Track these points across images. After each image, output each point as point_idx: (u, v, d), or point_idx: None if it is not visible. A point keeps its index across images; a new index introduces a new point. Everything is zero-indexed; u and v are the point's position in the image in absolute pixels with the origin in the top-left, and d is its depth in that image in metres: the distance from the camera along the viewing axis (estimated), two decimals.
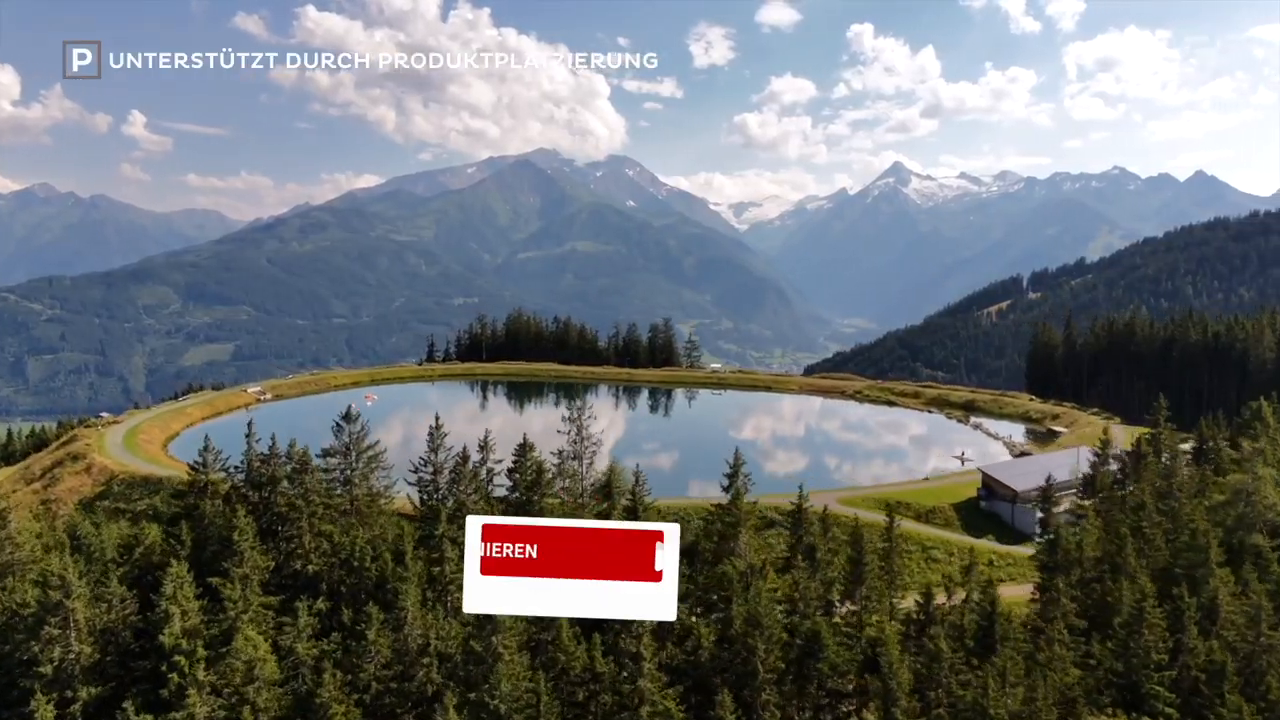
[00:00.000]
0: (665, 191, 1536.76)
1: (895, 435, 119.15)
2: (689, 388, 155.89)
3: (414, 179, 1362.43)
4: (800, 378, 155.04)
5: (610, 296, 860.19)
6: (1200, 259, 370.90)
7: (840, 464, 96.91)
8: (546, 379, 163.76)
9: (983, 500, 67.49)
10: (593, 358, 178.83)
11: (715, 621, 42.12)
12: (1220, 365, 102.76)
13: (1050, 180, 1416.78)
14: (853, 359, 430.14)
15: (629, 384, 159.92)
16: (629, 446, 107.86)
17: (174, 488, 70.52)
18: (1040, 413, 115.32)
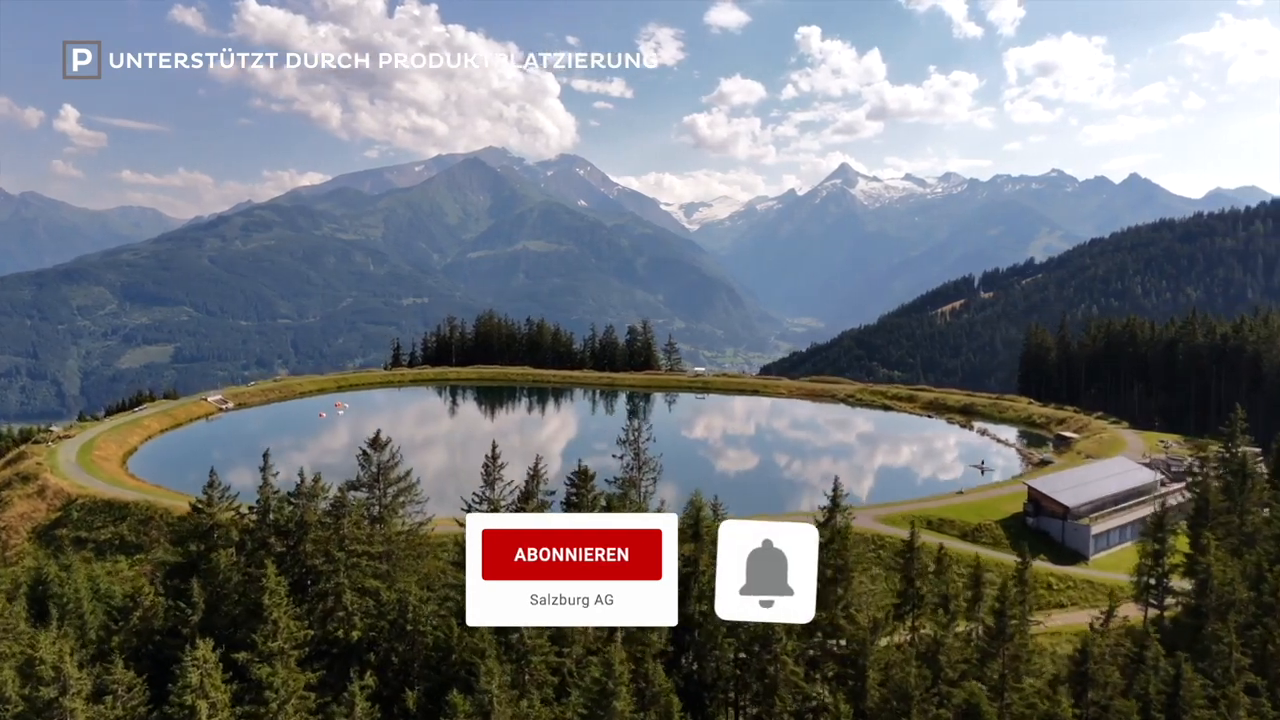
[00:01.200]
0: (616, 191, 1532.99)
1: (904, 443, 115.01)
2: (671, 391, 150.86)
3: (360, 177, 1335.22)
4: (788, 381, 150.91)
5: (563, 296, 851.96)
6: (1148, 259, 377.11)
7: (856, 475, 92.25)
8: (522, 383, 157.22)
9: (1030, 517, 63.58)
10: (567, 361, 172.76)
11: (847, 693, 36.48)
12: (1229, 368, 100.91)
13: (992, 182, 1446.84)
14: (809, 358, 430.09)
15: (609, 388, 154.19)
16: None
17: (168, 524, 63.21)
18: (1044, 417, 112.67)
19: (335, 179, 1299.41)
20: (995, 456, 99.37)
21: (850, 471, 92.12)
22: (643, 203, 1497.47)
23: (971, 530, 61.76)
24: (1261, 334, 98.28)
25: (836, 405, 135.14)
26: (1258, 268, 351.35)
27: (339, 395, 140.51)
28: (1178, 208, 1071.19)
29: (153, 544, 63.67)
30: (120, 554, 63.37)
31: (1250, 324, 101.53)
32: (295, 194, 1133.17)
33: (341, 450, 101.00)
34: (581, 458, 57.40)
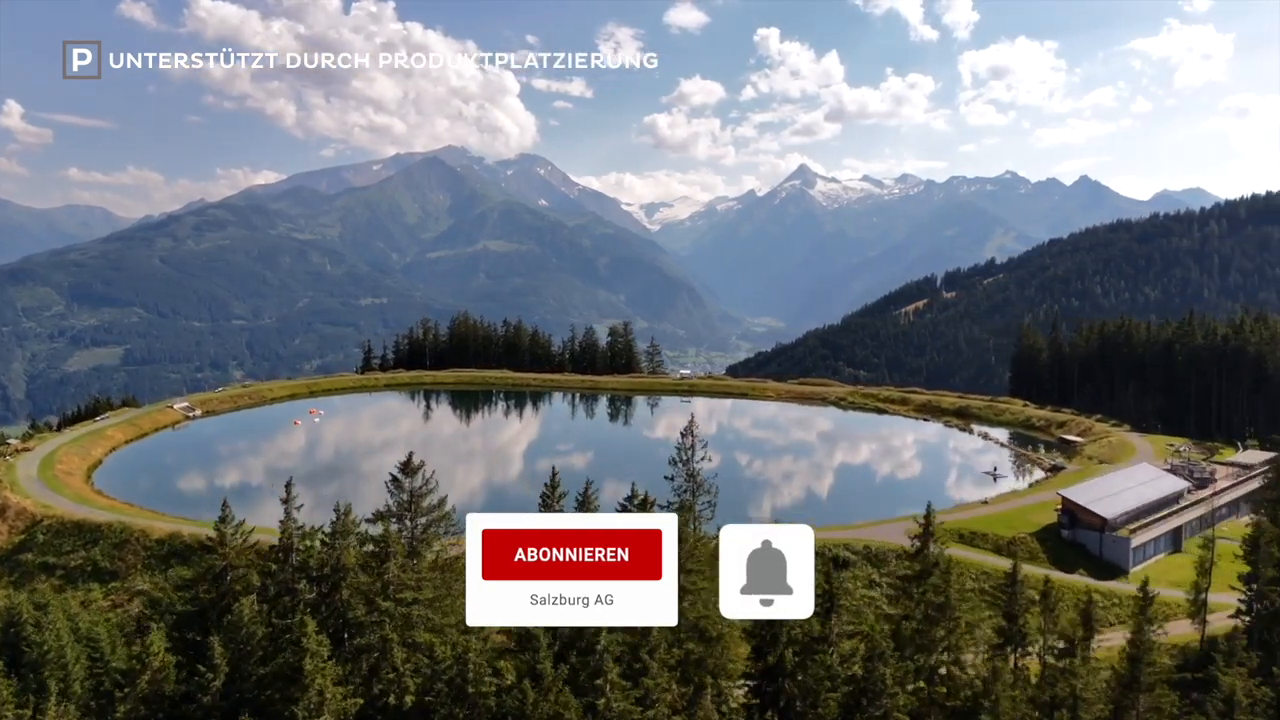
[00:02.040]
0: (577, 191, 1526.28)
1: (909, 449, 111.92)
2: (656, 395, 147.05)
3: (317, 176, 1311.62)
4: (776, 384, 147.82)
5: (524, 296, 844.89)
6: (1106, 260, 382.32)
7: (869, 484, 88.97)
8: (501, 386, 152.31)
9: (1065, 529, 61.07)
10: (546, 363, 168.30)
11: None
12: (1230, 369, 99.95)
13: (948, 184, 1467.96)
14: (775, 358, 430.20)
15: (591, 391, 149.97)
16: (622, 463, 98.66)
17: (145, 548, 58.12)
18: (1042, 420, 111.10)
19: (291, 178, 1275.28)
20: (1003, 462, 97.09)
21: (862, 480, 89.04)
22: (603, 203, 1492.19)
23: (1005, 544, 59.03)
24: (1264, 335, 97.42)
25: (827, 409, 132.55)
26: (1213, 268, 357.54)
27: (312, 401, 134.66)
28: (1127, 209, 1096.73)
29: (129, 570, 58.46)
30: (93, 581, 58.02)
31: (1250, 325, 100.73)
32: (249, 193, 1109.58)
33: (324, 462, 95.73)
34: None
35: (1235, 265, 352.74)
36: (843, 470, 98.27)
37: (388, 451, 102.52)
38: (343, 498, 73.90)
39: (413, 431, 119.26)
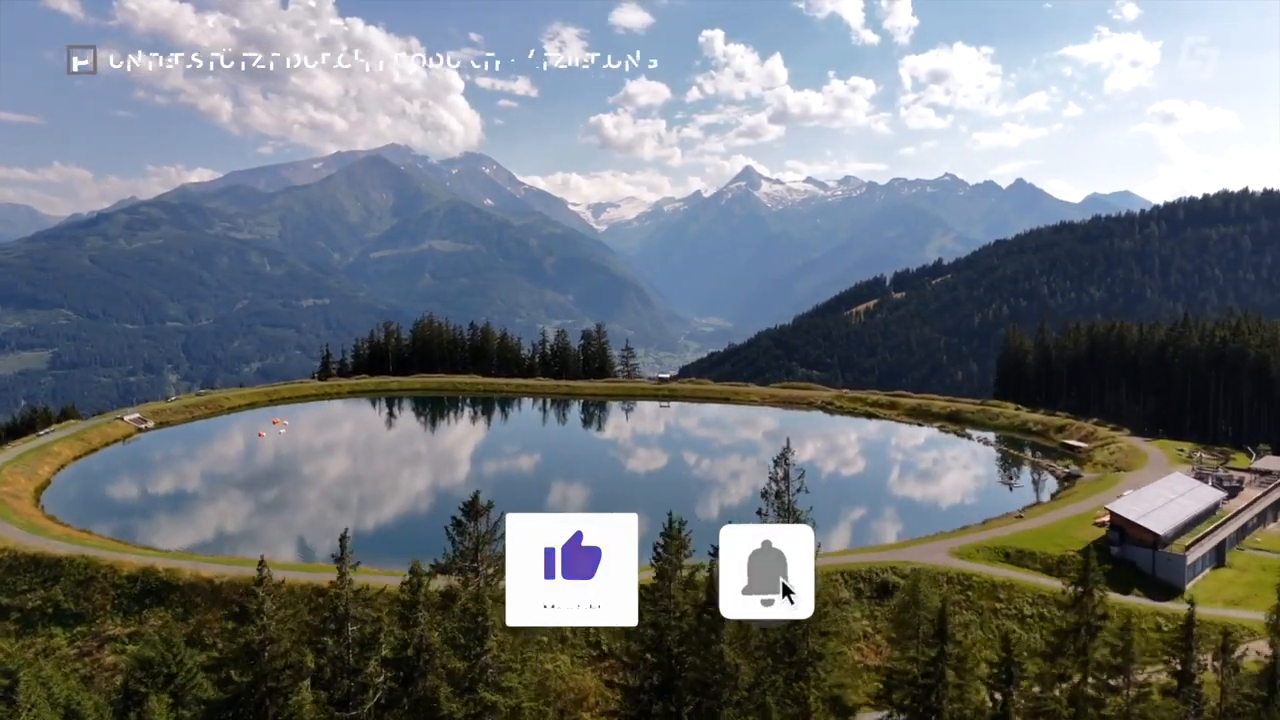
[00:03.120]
0: (523, 191, 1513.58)
1: (916, 456, 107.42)
2: (635, 399, 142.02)
3: (254, 174, 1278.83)
4: (759, 388, 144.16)
5: (471, 297, 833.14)
6: (1052, 260, 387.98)
7: (886, 497, 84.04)
8: (471, 392, 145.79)
9: (1114, 545, 57.91)
10: (515, 368, 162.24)
11: None
12: (1228, 371, 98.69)
13: (889, 186, 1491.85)
14: (728, 358, 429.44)
15: (568, 396, 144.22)
16: (615, 478, 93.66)
17: (114, 586, 51.34)
18: (1039, 424, 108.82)
19: (227, 175, 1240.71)
20: (1011, 468, 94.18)
21: (881, 494, 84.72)
22: (550, 203, 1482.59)
23: (1055, 563, 55.57)
24: (1264, 337, 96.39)
25: (815, 413, 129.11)
26: (1154, 268, 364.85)
27: (273, 410, 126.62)
28: (1060, 212, 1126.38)
29: (97, 612, 51.61)
30: (55, 625, 51.06)
31: (1248, 326, 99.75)
32: (184, 191, 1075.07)
33: (299, 480, 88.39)
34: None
35: (1175, 266, 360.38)
36: (860, 484, 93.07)
37: (369, 466, 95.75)
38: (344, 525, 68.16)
39: (389, 442, 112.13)
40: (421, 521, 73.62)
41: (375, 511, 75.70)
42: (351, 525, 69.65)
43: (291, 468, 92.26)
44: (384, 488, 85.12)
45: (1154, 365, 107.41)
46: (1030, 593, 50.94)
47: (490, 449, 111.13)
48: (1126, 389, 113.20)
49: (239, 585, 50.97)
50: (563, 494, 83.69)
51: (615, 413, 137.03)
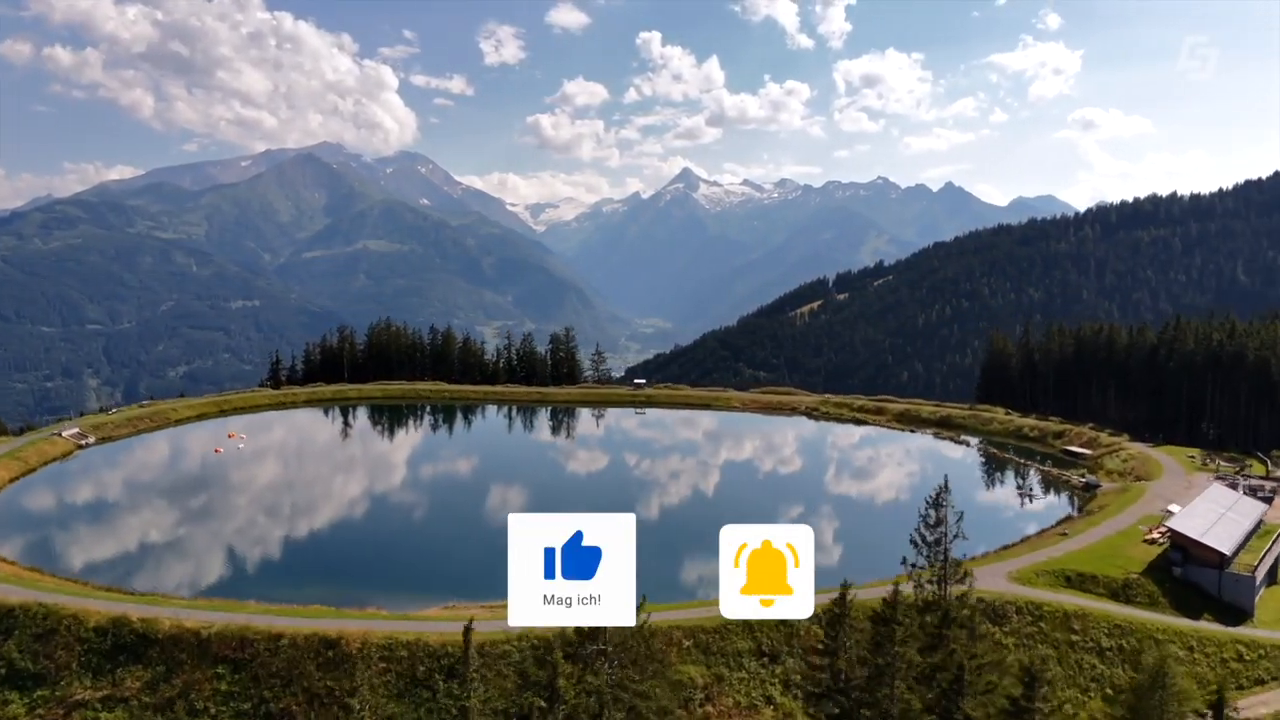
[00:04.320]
0: (460, 190, 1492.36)
1: (926, 467, 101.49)
2: (610, 406, 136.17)
3: (179, 171, 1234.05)
4: (739, 393, 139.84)
5: (407, 298, 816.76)
6: (991, 262, 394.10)
7: (904, 511, 78.63)
8: (436, 399, 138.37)
9: (1176, 566, 54.67)
10: (478, 373, 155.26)
11: None
12: (1225, 375, 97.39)
13: (824, 188, 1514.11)
14: (674, 360, 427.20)
15: (540, 403, 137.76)
16: (611, 486, 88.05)
17: (80, 640, 44.07)
18: (1035, 430, 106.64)
19: (150, 173, 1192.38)
20: (1023, 478, 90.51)
21: (900, 507, 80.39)
22: (488, 202, 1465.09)
23: (1120, 587, 52.09)
24: (1265, 338, 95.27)
25: (799, 419, 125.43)
26: (1090, 270, 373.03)
27: (225, 421, 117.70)
28: (988, 215, 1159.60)
29: (61, 672, 44.18)
30: (10, 689, 43.42)
31: (1243, 328, 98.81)
32: (103, 188, 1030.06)
33: (271, 503, 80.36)
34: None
35: (1110, 267, 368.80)
36: (876, 498, 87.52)
37: (348, 485, 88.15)
38: (337, 556, 61.56)
39: (362, 456, 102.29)
40: (430, 546, 67.39)
41: (369, 539, 68.19)
42: (348, 557, 63.27)
43: (259, 489, 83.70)
44: (371, 511, 77.30)
45: (1145, 368, 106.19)
46: (1104, 622, 47.34)
47: (475, 460, 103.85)
48: (1115, 393, 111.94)
49: (229, 637, 44.32)
50: (568, 502, 78.52)
51: (591, 420, 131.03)
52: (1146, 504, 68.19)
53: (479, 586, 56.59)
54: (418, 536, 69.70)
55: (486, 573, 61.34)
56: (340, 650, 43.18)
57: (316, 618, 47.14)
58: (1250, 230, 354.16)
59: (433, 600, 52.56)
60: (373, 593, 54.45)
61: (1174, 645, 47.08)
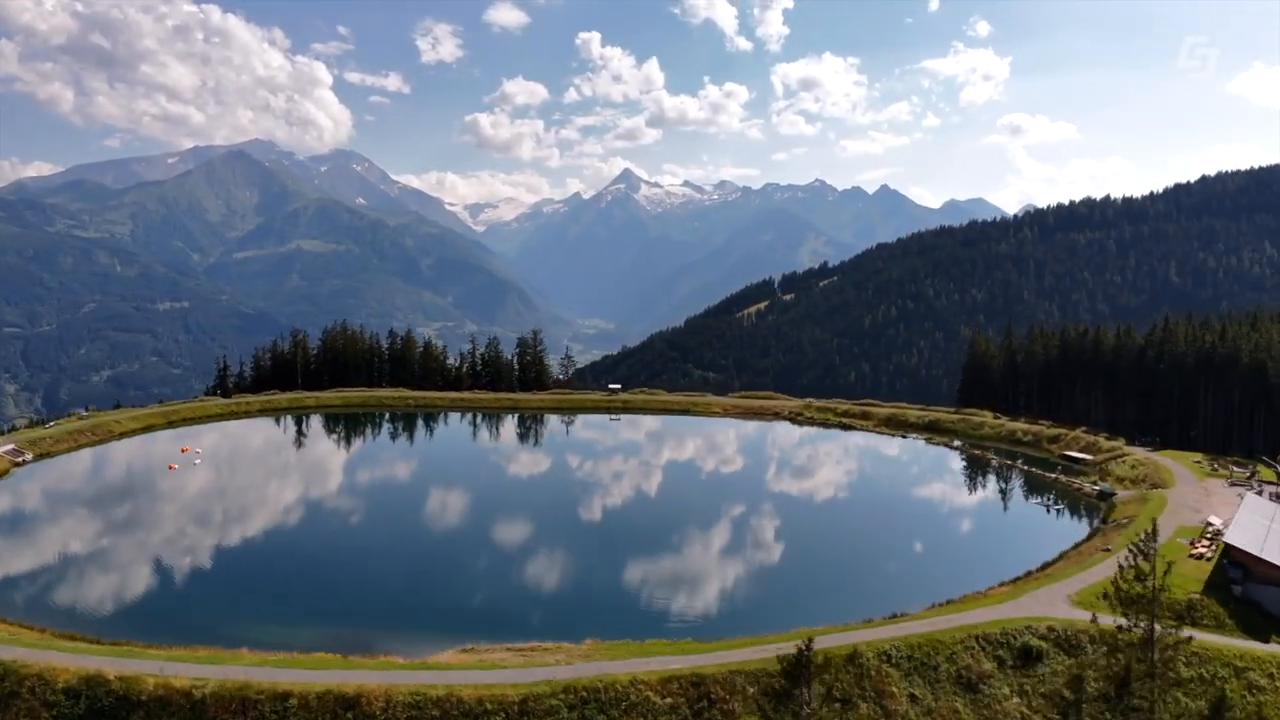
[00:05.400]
0: (397, 190, 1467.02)
1: (931, 474, 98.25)
2: (583, 412, 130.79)
3: (101, 168, 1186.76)
4: (718, 398, 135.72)
5: (343, 299, 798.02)
6: (935, 263, 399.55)
7: (929, 526, 75.53)
8: (400, 407, 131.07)
9: (1235, 585, 52.10)
10: (440, 379, 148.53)
11: None
12: (1218, 377, 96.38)
13: (763, 190, 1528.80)
14: (623, 361, 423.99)
15: (511, 410, 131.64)
16: (617, 502, 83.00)
17: (48, 703, 37.58)
18: (1029, 434, 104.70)
19: (70, 170, 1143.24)
20: (1034, 487, 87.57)
21: (924, 522, 76.59)
22: (426, 202, 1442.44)
23: (1184, 609, 49.44)
24: (1260, 340, 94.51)
25: (782, 424, 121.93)
26: (1030, 271, 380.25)
27: (173, 434, 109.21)
28: (922, 217, 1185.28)
29: None
30: None
31: (1235, 330, 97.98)
32: (19, 185, 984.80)
33: (243, 526, 72.97)
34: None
35: (1049, 269, 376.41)
36: (900, 513, 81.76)
37: (331, 505, 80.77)
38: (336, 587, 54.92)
39: (336, 471, 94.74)
40: (429, 574, 60.75)
41: (360, 568, 61.15)
42: (339, 591, 56.80)
43: (226, 512, 75.75)
44: (356, 536, 70.17)
45: (1134, 370, 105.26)
46: (1183, 650, 44.33)
47: (458, 475, 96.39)
48: (1103, 395, 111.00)
49: (227, 698, 38.13)
50: (571, 525, 73.12)
51: (568, 427, 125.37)
52: (1175, 514, 66.16)
53: (494, 622, 51.46)
54: (414, 564, 63.01)
55: (497, 605, 55.97)
56: (361, 711, 37.49)
57: (324, 669, 41.33)
58: (1181, 232, 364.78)
59: (446, 640, 47.06)
60: (376, 633, 48.62)
61: (1254, 673, 44.53)
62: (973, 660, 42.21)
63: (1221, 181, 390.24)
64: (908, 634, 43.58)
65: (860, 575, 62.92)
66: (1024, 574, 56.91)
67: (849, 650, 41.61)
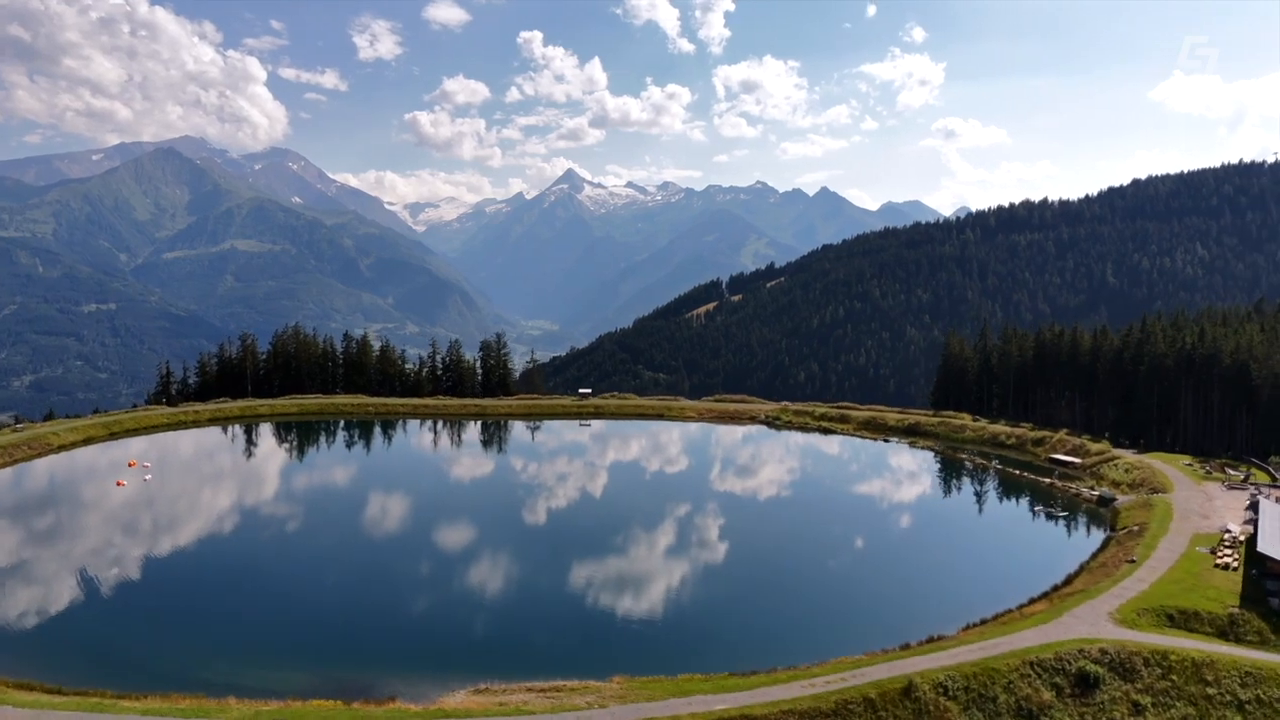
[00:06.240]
0: (335, 189, 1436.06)
1: (928, 482, 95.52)
2: (553, 418, 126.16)
3: (21, 165, 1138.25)
4: (692, 403, 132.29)
5: (279, 300, 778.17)
6: (881, 264, 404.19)
7: (941, 539, 72.83)
8: (359, 415, 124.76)
9: (1273, 597, 50.06)
10: (399, 384, 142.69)
11: None
12: (1198, 380, 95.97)
13: (706, 192, 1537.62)
14: (573, 362, 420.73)
15: (478, 416, 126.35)
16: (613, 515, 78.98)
17: None
18: (1013, 437, 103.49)
19: None
20: (1030, 492, 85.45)
21: (936, 535, 73.66)
22: (365, 201, 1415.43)
23: (1226, 624, 47.70)
24: (1241, 341, 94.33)
25: (757, 428, 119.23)
26: (973, 272, 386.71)
27: (116, 445, 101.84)
28: (861, 219, 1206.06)
29: None
30: None
31: (1214, 333, 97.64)
32: None
33: (206, 554, 66.61)
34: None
35: (991, 270, 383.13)
36: (908, 523, 79.19)
37: (294, 524, 74.86)
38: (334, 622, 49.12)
39: (300, 489, 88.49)
40: (422, 602, 55.46)
41: (343, 596, 56.20)
42: (325, 623, 51.71)
43: (187, 535, 69.19)
44: (333, 558, 64.60)
45: (1112, 372, 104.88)
46: (1233, 669, 42.34)
47: (434, 489, 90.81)
48: (1079, 397, 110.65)
49: None
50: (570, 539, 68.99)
51: (549, 436, 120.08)
52: (1185, 521, 65.00)
53: (505, 655, 46.95)
54: (410, 591, 57.52)
55: (505, 635, 50.26)
56: None
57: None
58: (1116, 234, 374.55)
59: (455, 679, 42.58)
60: (376, 674, 43.84)
61: None
62: (1031, 690, 39.59)
63: (1153, 185, 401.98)
64: (959, 662, 40.75)
65: (881, 593, 59.66)
66: (1051, 588, 54.78)
67: (903, 683, 38.62)
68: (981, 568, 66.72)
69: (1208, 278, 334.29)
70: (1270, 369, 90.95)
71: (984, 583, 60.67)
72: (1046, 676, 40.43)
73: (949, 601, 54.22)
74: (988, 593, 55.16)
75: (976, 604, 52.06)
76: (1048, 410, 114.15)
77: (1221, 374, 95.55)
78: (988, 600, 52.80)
